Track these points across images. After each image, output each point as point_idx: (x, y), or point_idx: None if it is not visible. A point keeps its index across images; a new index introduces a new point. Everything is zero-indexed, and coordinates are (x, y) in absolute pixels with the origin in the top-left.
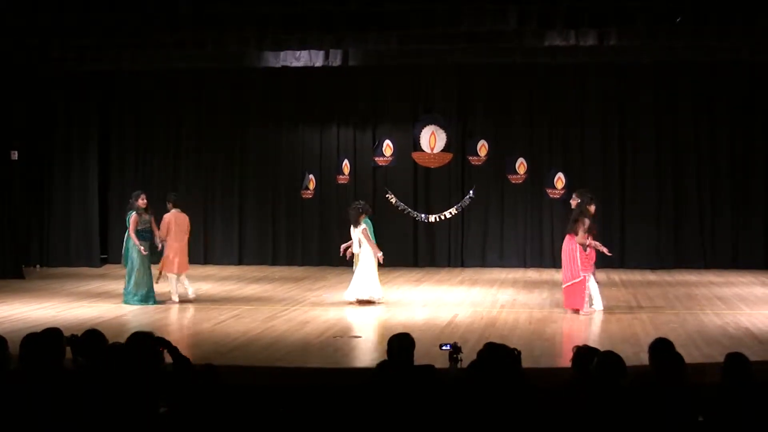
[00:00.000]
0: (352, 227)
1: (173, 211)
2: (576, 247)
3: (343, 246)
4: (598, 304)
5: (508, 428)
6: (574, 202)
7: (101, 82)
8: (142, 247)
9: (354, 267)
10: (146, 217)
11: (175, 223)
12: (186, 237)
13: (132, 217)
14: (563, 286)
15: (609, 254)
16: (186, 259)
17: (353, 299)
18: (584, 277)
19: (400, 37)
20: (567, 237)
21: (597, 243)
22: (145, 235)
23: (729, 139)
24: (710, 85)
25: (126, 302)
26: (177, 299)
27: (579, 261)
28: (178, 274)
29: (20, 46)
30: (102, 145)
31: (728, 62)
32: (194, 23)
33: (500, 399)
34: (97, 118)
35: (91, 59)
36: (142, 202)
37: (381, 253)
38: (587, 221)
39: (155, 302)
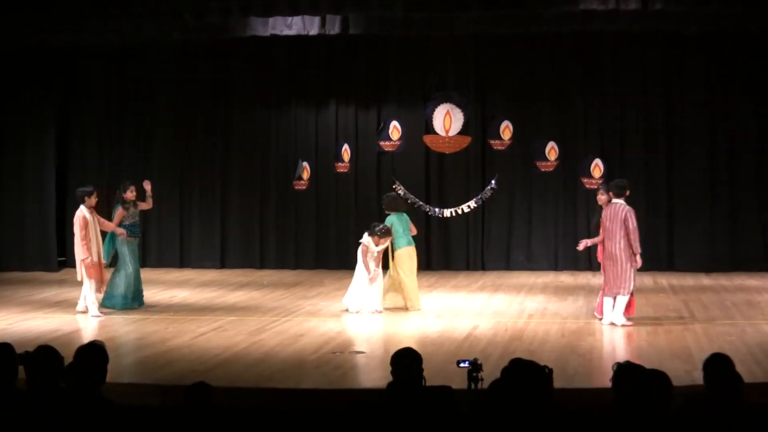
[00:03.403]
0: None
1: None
2: None
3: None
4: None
5: None
6: (603, 197)
7: (60, 59)
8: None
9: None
10: (134, 210)
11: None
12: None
13: (118, 211)
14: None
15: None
16: None
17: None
18: None
19: (406, 2)
20: None
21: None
22: (135, 231)
23: None
24: None
25: (113, 306)
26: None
27: None
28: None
29: None
30: (60, 132)
31: None
32: None
33: (528, 425)
34: (54, 102)
35: (48, 32)
36: (131, 194)
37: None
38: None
39: (142, 304)
